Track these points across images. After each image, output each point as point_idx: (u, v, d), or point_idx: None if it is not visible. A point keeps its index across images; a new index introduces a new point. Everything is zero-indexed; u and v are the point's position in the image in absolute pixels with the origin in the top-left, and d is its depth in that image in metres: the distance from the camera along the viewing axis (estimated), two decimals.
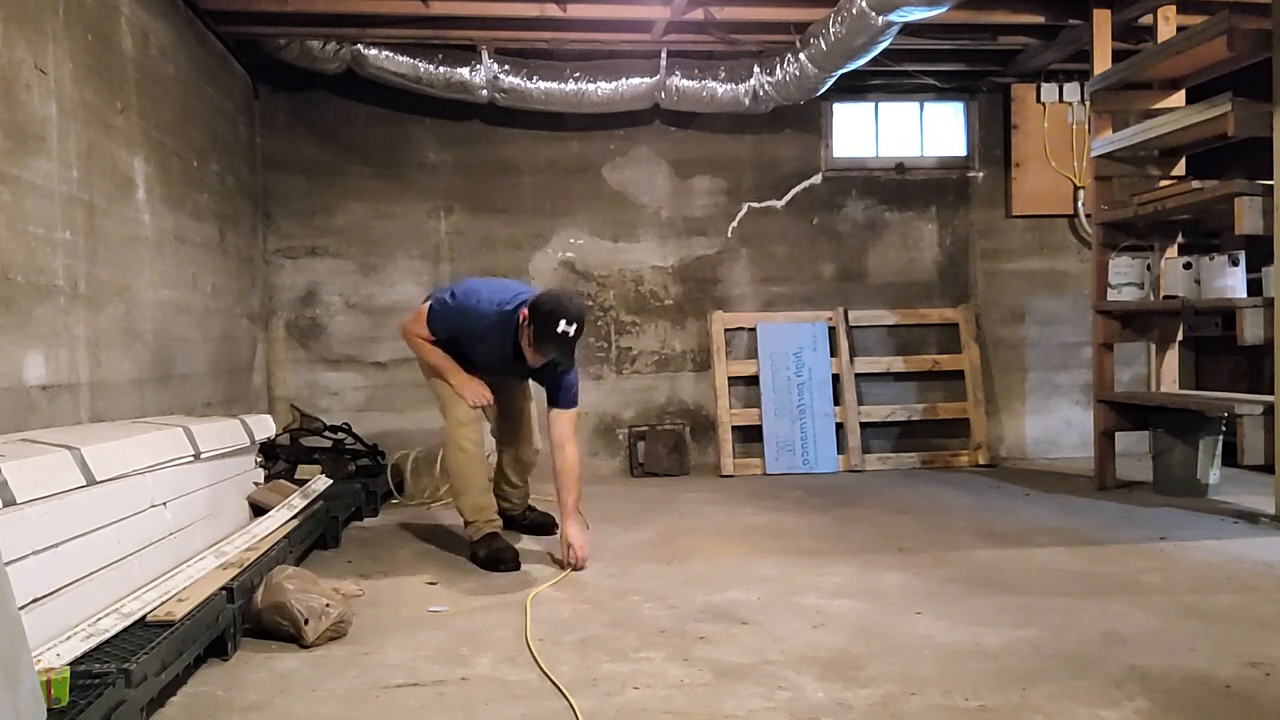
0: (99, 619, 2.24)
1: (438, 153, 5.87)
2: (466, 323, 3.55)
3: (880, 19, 4.37)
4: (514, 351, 3.54)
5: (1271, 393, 4.05)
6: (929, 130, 6.34)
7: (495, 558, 3.50)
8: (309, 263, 5.83)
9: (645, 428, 5.96)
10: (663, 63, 5.49)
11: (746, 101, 5.58)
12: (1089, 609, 2.85)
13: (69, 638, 2.10)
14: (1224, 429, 4.71)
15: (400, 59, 5.30)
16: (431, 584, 3.30)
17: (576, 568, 3.41)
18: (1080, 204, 6.17)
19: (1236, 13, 4.11)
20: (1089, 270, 5.48)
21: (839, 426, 5.94)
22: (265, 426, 3.86)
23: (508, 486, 4.07)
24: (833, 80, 5.24)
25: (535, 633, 2.71)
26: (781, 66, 5.32)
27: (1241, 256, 4.45)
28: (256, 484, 3.82)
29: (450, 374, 3.61)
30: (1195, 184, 4.45)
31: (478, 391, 3.58)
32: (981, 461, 5.98)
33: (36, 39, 3.06)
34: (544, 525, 4.08)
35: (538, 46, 5.46)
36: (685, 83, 5.54)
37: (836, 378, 5.99)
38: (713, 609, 2.92)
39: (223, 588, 2.57)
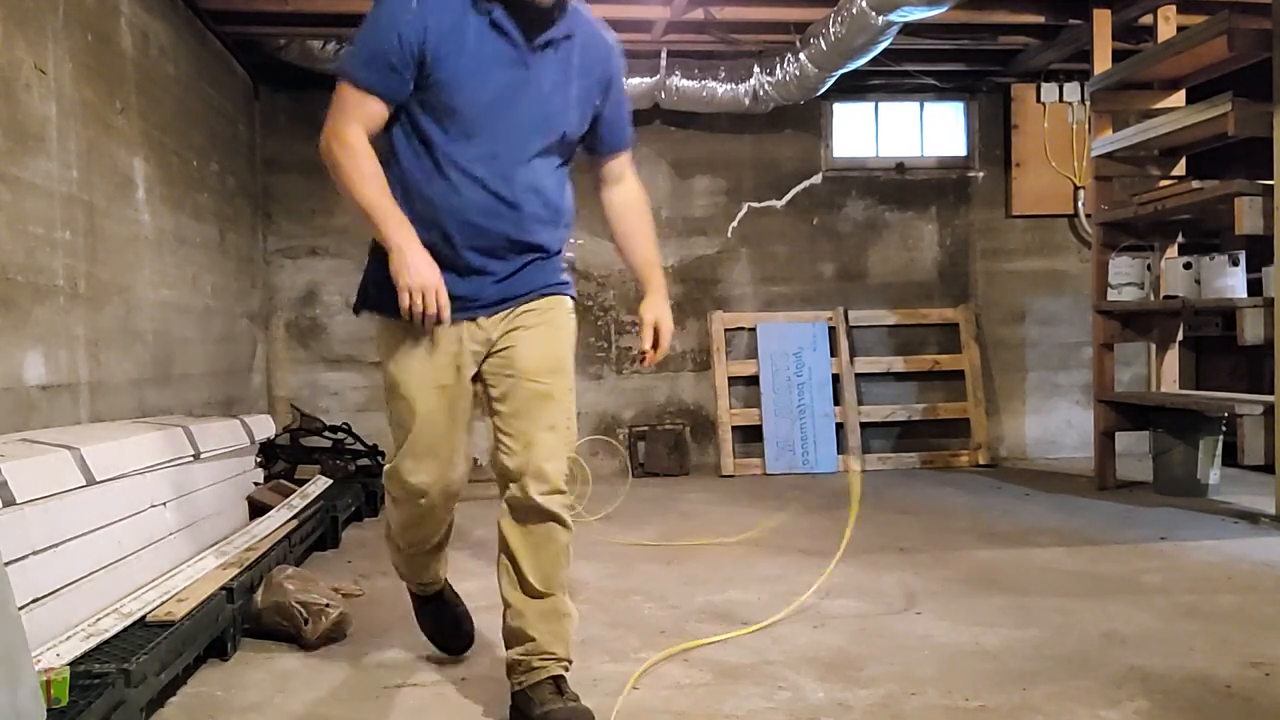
0: (99, 619, 2.24)
1: None
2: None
3: (880, 19, 4.37)
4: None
5: (1271, 393, 4.05)
6: (929, 130, 6.34)
7: (441, 628, 2.48)
8: (309, 263, 5.83)
9: (645, 428, 5.96)
10: (663, 63, 5.49)
11: (746, 101, 5.58)
12: (1089, 609, 2.84)
13: (69, 638, 2.10)
14: (1224, 429, 4.70)
15: None
16: None
17: (653, 350, 2.21)
18: (1080, 204, 6.17)
19: (1236, 13, 4.12)
20: (1089, 270, 5.48)
21: (839, 426, 5.94)
22: (265, 426, 3.86)
23: (521, 594, 2.09)
24: (833, 80, 5.24)
25: None
26: (781, 66, 5.32)
27: (1241, 256, 4.44)
28: (256, 484, 3.82)
29: (389, 227, 1.93)
30: (1195, 184, 4.45)
31: (427, 279, 1.91)
32: (981, 461, 5.98)
33: (36, 39, 3.06)
34: None
35: None
36: (685, 83, 5.54)
37: (836, 378, 5.99)
38: (713, 609, 2.92)
39: (223, 588, 2.57)
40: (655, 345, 2.20)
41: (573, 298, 2.21)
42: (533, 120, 2.03)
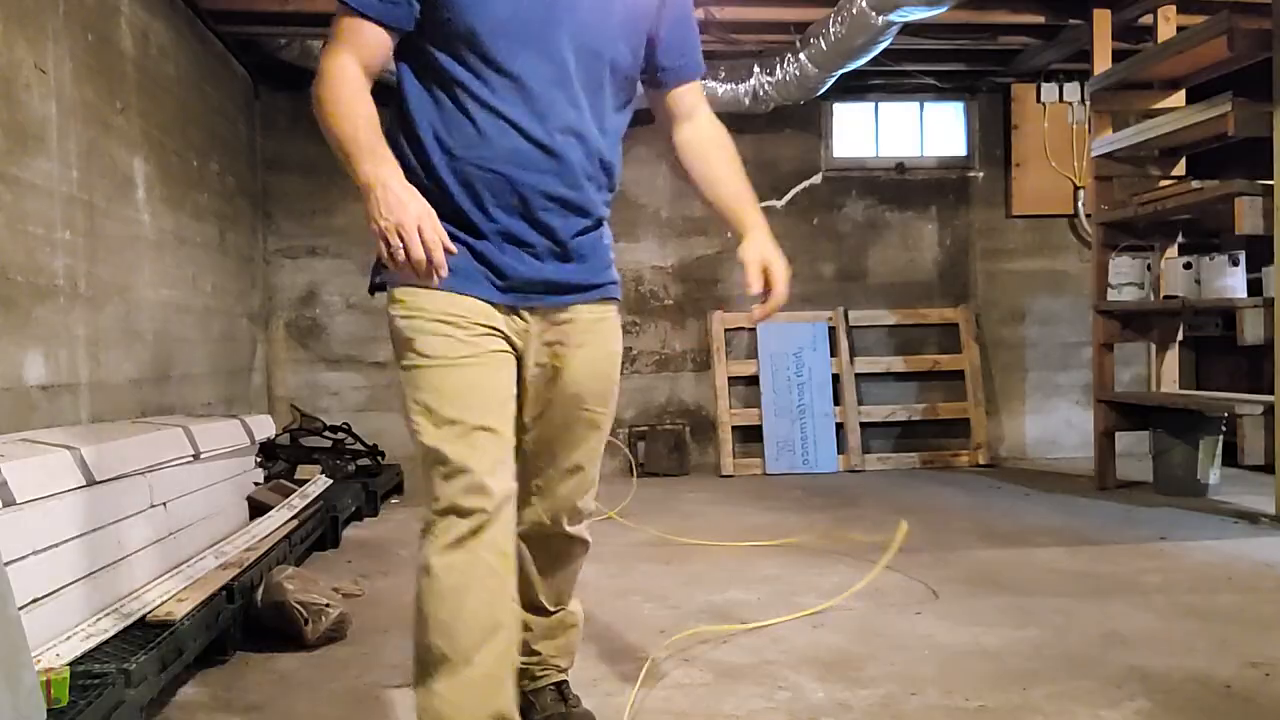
0: (99, 619, 2.24)
1: None
2: None
3: (880, 19, 4.37)
4: None
5: (1271, 393, 4.05)
6: (929, 130, 6.34)
7: None
8: (309, 263, 5.83)
9: (645, 428, 5.96)
10: None
11: (746, 101, 5.58)
12: (1089, 609, 2.84)
13: (69, 638, 2.10)
14: (1224, 429, 4.71)
15: None
16: None
17: (767, 301, 1.83)
18: (1080, 204, 6.17)
19: (1236, 13, 4.11)
20: (1089, 270, 5.47)
21: (839, 426, 5.94)
22: (265, 426, 3.85)
23: (527, 611, 1.92)
24: (833, 80, 5.23)
25: None
26: (781, 66, 5.32)
27: (1241, 256, 4.44)
28: (256, 484, 3.82)
29: (360, 160, 1.51)
30: (1195, 184, 4.45)
31: (403, 214, 1.46)
32: (981, 461, 5.98)
33: (36, 38, 3.06)
34: None
35: None
36: None
37: (836, 378, 5.99)
38: (713, 609, 2.92)
39: (223, 588, 2.57)
40: (768, 292, 1.81)
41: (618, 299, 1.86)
42: (570, 47, 1.66)
